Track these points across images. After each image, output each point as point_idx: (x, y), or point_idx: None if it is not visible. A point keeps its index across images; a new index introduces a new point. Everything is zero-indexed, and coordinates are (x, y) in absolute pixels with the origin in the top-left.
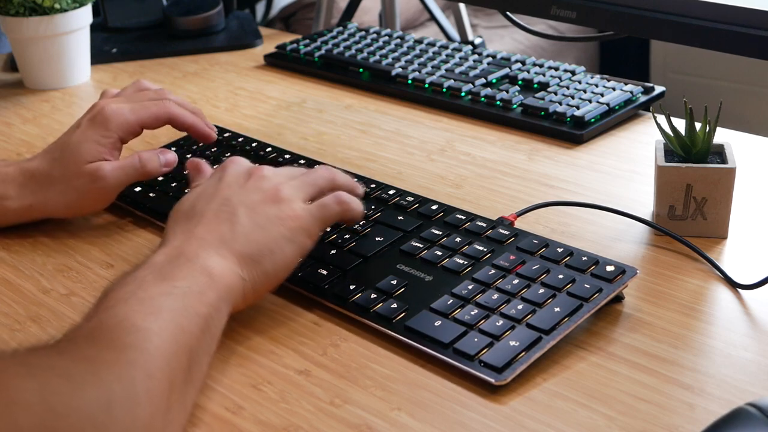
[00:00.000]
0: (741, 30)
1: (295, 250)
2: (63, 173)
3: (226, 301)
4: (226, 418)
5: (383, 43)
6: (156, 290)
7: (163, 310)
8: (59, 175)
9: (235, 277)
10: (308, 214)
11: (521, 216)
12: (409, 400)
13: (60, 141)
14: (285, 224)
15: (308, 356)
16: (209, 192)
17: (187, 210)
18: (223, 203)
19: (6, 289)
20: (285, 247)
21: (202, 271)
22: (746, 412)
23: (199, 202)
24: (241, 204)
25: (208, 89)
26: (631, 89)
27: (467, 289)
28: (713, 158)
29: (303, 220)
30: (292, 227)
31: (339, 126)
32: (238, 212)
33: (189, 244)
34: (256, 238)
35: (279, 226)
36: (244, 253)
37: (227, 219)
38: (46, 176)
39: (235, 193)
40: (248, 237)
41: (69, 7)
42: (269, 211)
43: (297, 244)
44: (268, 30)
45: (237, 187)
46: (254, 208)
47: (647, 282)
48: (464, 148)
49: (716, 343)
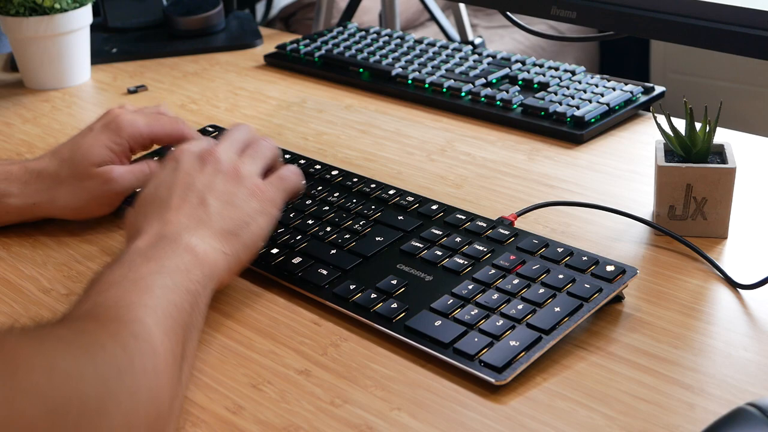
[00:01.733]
0: (741, 30)
1: (267, 220)
2: (73, 173)
3: (211, 277)
4: (226, 418)
5: (383, 43)
6: (146, 270)
7: (155, 287)
8: (68, 176)
9: (218, 253)
10: (272, 186)
11: (521, 216)
12: (409, 400)
13: (70, 142)
14: (254, 198)
15: (308, 356)
16: (168, 181)
17: (151, 201)
18: (187, 189)
19: (6, 289)
20: (258, 218)
21: (186, 250)
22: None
23: (161, 192)
24: (206, 188)
25: (208, 89)
26: (631, 89)
27: (467, 289)
28: (713, 158)
29: (268, 192)
30: (261, 200)
31: (339, 126)
32: (206, 196)
33: (167, 227)
34: (230, 214)
35: (248, 200)
36: (223, 229)
37: (198, 203)
38: (53, 176)
39: (197, 180)
40: (222, 215)
41: (69, 7)
42: (235, 190)
43: (267, 214)
44: (268, 30)
45: (196, 173)
46: (220, 189)
47: (647, 282)
48: (464, 148)
49: (716, 343)
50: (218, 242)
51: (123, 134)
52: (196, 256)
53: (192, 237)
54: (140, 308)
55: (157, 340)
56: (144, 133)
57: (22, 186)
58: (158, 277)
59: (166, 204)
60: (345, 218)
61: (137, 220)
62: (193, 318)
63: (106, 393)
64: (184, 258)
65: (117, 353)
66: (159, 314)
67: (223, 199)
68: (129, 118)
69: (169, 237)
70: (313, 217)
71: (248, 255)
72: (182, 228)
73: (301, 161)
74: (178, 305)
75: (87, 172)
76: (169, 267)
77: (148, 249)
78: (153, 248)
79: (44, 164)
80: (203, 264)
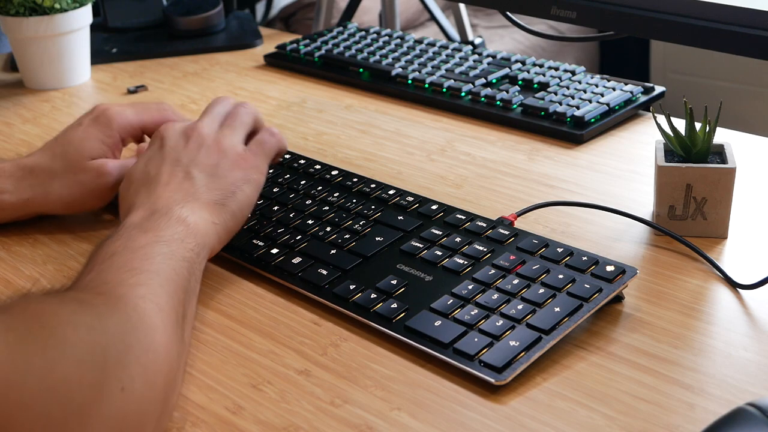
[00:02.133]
0: (741, 30)
1: (253, 188)
2: (66, 167)
3: (204, 246)
4: (226, 418)
5: (383, 43)
6: (144, 240)
7: (155, 255)
8: (62, 170)
9: (208, 223)
10: (253, 153)
11: (521, 216)
12: (409, 400)
13: (61, 137)
14: (237, 168)
15: (308, 356)
16: (156, 159)
17: (141, 178)
18: (174, 165)
19: (6, 289)
20: (244, 187)
21: (179, 222)
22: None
23: (151, 169)
24: (191, 163)
25: (208, 89)
26: (631, 89)
27: (467, 289)
28: (713, 158)
29: (251, 160)
30: (244, 168)
31: (339, 126)
32: (192, 170)
33: (158, 201)
34: (216, 186)
35: (233, 170)
36: (211, 200)
37: (185, 177)
38: (47, 171)
39: (182, 155)
40: (209, 187)
41: (69, 7)
42: (219, 161)
43: (252, 181)
44: (268, 30)
45: (181, 149)
46: (204, 163)
47: (647, 282)
48: (464, 148)
49: (716, 343)
50: (207, 213)
51: (113, 126)
52: (187, 227)
53: (182, 209)
54: (143, 273)
55: (162, 301)
56: (134, 122)
57: (16, 182)
58: (157, 246)
59: (156, 180)
60: (345, 218)
61: (129, 196)
62: (191, 283)
63: (124, 346)
64: (177, 229)
65: (129, 313)
66: (162, 278)
67: (208, 172)
68: (117, 110)
69: (161, 211)
70: (313, 217)
71: (236, 223)
72: (172, 202)
73: (301, 161)
74: (177, 271)
75: (81, 165)
76: (165, 237)
77: (143, 222)
78: (147, 221)
79: (36, 159)
80: (195, 234)
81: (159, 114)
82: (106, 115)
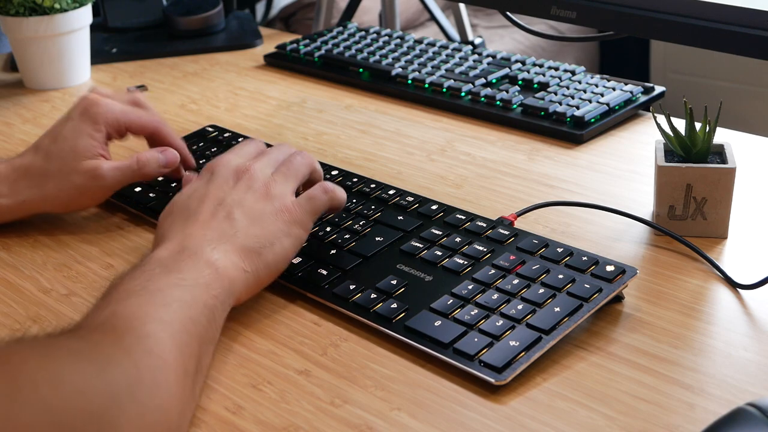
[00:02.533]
0: (741, 30)
1: (293, 242)
2: (60, 168)
3: (230, 292)
4: (226, 418)
5: (383, 43)
6: (165, 282)
7: (174, 301)
8: (56, 170)
9: (239, 270)
10: (300, 207)
11: (521, 216)
12: (409, 400)
13: (51, 134)
14: (281, 219)
15: (308, 356)
16: (201, 192)
17: (181, 210)
18: (217, 203)
19: (6, 289)
20: (283, 239)
21: (207, 264)
22: (746, 412)
23: (192, 202)
24: (235, 204)
25: (208, 89)
26: (631, 89)
27: (467, 289)
28: (713, 158)
29: (296, 213)
30: (287, 221)
31: (339, 126)
32: (234, 211)
33: (190, 239)
34: (256, 232)
35: (275, 220)
36: (246, 246)
37: (225, 218)
38: (41, 171)
39: (228, 194)
40: (248, 232)
41: (69, 7)
42: (264, 208)
43: (293, 236)
44: (268, 30)
45: (228, 188)
46: (249, 206)
47: (647, 282)
48: (464, 148)
49: (716, 343)
50: (239, 258)
51: (100, 120)
52: (216, 271)
53: (213, 251)
54: (156, 322)
55: (170, 356)
56: (120, 120)
57: (11, 185)
58: (177, 290)
59: (195, 215)
60: (345, 218)
61: (165, 225)
62: (210, 332)
63: (114, 407)
64: (204, 272)
65: (128, 368)
66: (175, 328)
67: (250, 216)
68: (107, 103)
69: (190, 249)
70: None
71: (268, 275)
72: (205, 241)
73: None
74: (195, 320)
75: (75, 166)
76: (189, 280)
77: (169, 260)
78: (174, 260)
79: (29, 160)
80: (223, 279)
81: (147, 118)
82: (95, 109)
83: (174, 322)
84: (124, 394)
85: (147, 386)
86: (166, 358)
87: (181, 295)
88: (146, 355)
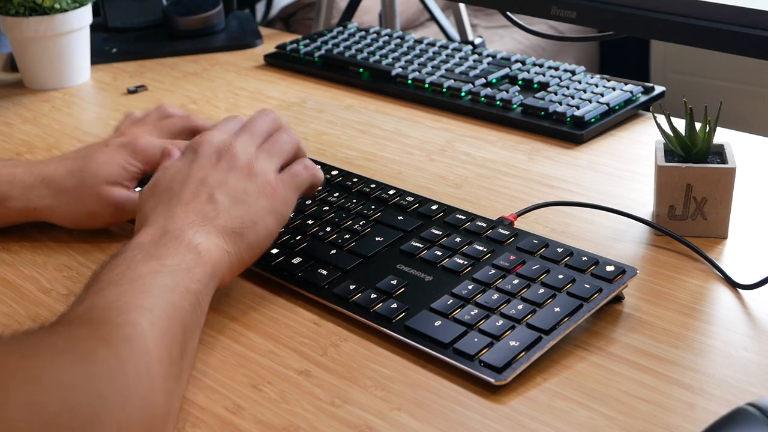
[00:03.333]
0: (741, 30)
1: (276, 220)
2: (77, 187)
3: (213, 276)
4: (226, 418)
5: (383, 43)
6: (145, 269)
7: (154, 287)
8: (73, 188)
9: (222, 252)
10: (283, 183)
11: (521, 216)
12: (409, 400)
13: (83, 153)
14: (264, 196)
15: (308, 356)
16: (183, 173)
17: (164, 191)
18: (199, 184)
19: (6, 289)
20: (266, 217)
21: (189, 248)
22: (746, 412)
23: (174, 184)
24: (217, 184)
25: (208, 89)
26: (631, 89)
27: (467, 289)
28: (713, 158)
29: (280, 190)
30: (271, 198)
31: (339, 126)
32: (216, 192)
33: (173, 222)
34: (238, 212)
35: (258, 199)
36: (228, 227)
37: (207, 199)
38: (58, 185)
39: (210, 174)
40: (230, 213)
41: (69, 7)
42: (247, 187)
43: (277, 213)
44: (268, 30)
45: (210, 168)
46: (231, 186)
47: (647, 282)
48: (464, 148)
49: (716, 343)
50: (222, 240)
51: (139, 158)
52: (198, 254)
53: (196, 234)
54: (135, 310)
55: (150, 343)
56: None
57: (25, 189)
58: (157, 277)
59: (177, 197)
60: (345, 218)
61: (147, 207)
62: (194, 317)
63: (98, 400)
64: (187, 257)
65: (108, 359)
66: (155, 315)
67: (233, 196)
68: (147, 141)
69: (172, 233)
70: (313, 217)
71: (252, 255)
72: (187, 224)
73: None
74: (177, 305)
75: (92, 190)
76: (170, 266)
77: (150, 245)
78: (155, 245)
79: (51, 170)
80: (205, 262)
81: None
82: (135, 145)
83: (154, 308)
84: (106, 384)
85: (128, 374)
86: (146, 345)
87: (161, 281)
88: (125, 344)
